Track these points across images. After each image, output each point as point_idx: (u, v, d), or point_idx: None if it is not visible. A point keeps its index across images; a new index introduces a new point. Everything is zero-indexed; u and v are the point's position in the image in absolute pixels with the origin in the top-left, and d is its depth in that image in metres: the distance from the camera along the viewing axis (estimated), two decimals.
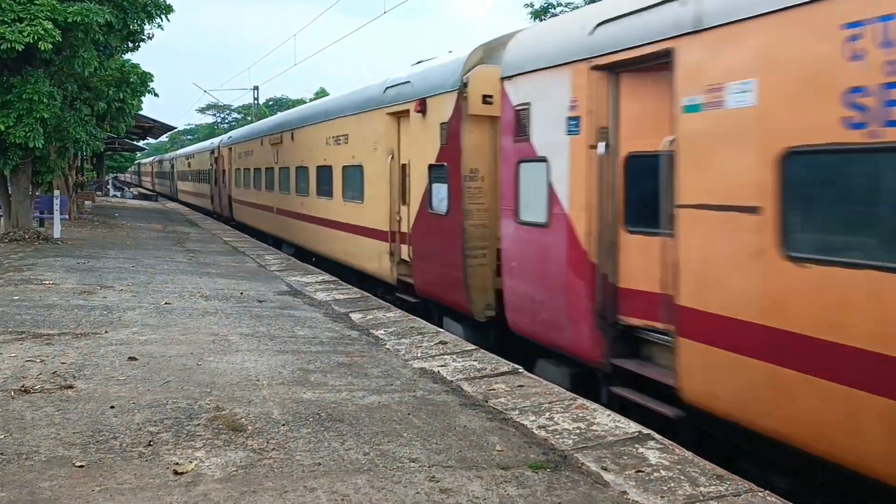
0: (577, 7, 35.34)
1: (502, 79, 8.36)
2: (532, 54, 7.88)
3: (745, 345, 5.13)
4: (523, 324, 8.11)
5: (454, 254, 9.52)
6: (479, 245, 9.36)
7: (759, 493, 4.25)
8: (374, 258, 12.55)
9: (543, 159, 7.52)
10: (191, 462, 4.50)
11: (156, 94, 21.07)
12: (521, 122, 7.96)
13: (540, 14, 38.28)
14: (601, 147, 6.70)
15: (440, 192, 10.03)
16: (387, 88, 12.08)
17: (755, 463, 5.43)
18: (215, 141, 34.09)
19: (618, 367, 6.60)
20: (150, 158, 79.08)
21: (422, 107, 10.49)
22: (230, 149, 27.80)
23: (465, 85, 9.26)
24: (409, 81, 11.25)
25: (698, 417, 5.69)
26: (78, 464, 4.43)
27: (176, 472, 4.33)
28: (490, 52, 9.45)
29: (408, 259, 11.34)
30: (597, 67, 6.73)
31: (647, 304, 6.42)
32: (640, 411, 6.16)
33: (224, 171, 29.11)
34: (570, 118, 7.08)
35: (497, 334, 9.21)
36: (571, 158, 7.06)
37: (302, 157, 17.37)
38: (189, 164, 41.88)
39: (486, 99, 9.23)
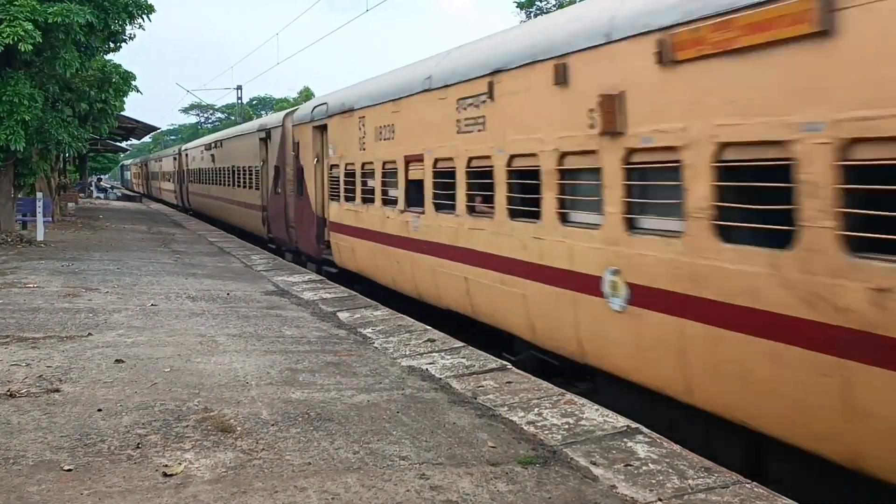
0: (563, 1, 35.27)
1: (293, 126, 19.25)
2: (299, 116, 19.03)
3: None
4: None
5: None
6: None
7: (747, 485, 4.29)
8: (171, 196, 45.06)
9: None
10: (180, 464, 4.49)
11: (139, 91, 21.00)
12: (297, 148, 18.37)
13: (525, 6, 38.26)
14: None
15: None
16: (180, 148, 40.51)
17: None
18: (144, 157, 71.91)
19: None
20: (133, 160, 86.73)
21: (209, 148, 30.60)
22: (148, 162, 61.62)
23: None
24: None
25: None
26: (66, 468, 4.40)
27: (165, 475, 4.32)
28: (289, 115, 19.63)
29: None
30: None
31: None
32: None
33: (149, 172, 60.65)
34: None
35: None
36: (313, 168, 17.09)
37: (166, 168, 47.42)
38: (138, 166, 74.79)
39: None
